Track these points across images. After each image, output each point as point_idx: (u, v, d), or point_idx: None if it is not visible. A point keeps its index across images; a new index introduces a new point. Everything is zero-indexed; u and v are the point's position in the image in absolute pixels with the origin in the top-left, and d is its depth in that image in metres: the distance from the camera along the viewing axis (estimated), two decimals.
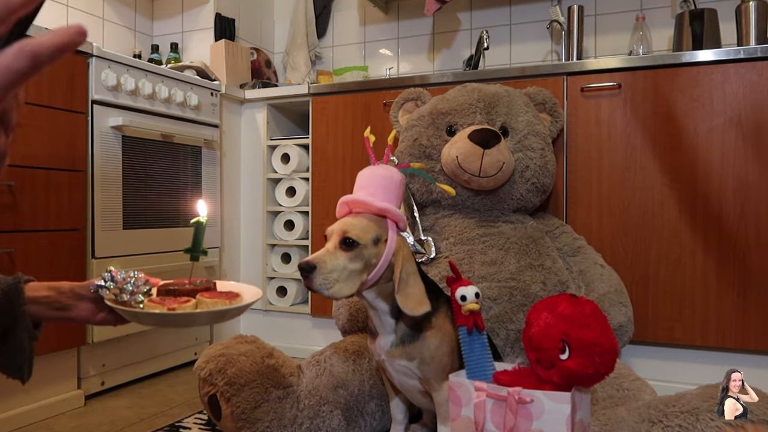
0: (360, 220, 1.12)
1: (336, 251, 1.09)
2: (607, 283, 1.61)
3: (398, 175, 1.18)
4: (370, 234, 1.10)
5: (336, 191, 2.19)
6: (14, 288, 0.95)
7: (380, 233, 1.12)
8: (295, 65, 2.85)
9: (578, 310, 0.99)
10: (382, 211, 1.13)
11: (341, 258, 1.08)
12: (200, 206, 1.08)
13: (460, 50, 2.71)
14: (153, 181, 1.93)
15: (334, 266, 1.07)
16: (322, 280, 1.06)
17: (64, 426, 1.54)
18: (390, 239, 1.12)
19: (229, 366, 1.27)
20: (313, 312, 2.22)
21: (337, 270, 1.07)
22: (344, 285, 1.07)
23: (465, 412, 1.06)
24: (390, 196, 1.15)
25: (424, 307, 1.10)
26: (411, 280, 1.12)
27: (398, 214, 1.14)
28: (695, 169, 1.72)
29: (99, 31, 2.51)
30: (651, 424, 1.10)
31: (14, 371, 0.95)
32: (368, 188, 1.15)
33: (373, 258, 1.11)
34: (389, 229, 1.14)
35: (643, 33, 2.31)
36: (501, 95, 1.68)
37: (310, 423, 1.29)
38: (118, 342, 1.85)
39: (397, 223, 1.15)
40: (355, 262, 1.08)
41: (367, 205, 1.13)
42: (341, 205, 1.18)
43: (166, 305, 0.98)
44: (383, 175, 1.16)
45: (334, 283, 1.06)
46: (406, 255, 1.13)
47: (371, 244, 1.10)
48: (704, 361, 1.73)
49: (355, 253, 1.08)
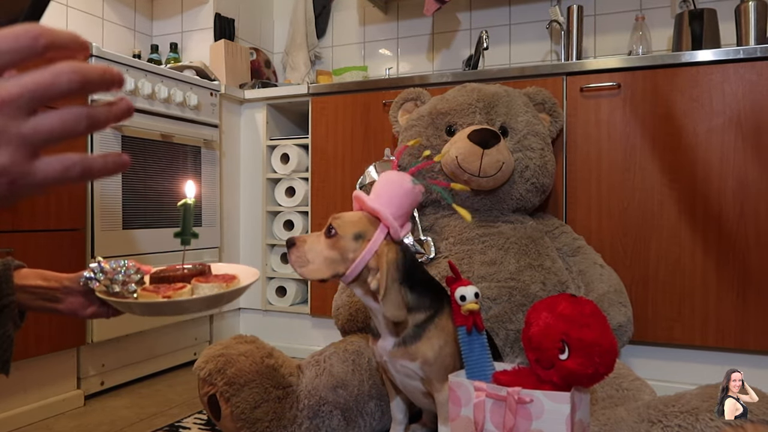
0: (352, 215, 1.16)
1: (320, 236, 1.15)
2: (607, 283, 1.61)
3: (408, 184, 1.16)
4: (353, 228, 1.13)
5: (335, 191, 2.19)
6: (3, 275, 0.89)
7: (366, 231, 1.13)
8: (295, 65, 2.85)
9: (578, 310, 0.99)
10: (373, 212, 1.14)
11: (321, 243, 1.13)
12: (188, 187, 1.04)
13: (460, 50, 2.71)
14: (152, 181, 1.93)
15: (312, 248, 1.13)
16: (296, 257, 1.13)
17: (63, 426, 1.54)
18: (373, 240, 1.12)
19: (228, 366, 1.27)
20: (312, 312, 2.22)
21: (313, 252, 1.13)
22: (315, 268, 1.13)
23: (464, 412, 1.06)
24: (392, 201, 1.14)
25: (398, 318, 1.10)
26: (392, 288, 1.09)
27: (388, 219, 1.12)
28: (695, 169, 1.72)
29: (98, 31, 2.51)
30: (650, 424, 1.10)
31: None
32: (377, 190, 1.18)
33: (351, 252, 1.12)
34: (378, 231, 1.13)
35: (642, 33, 2.31)
36: (500, 95, 1.68)
37: (310, 423, 1.29)
38: (118, 342, 1.84)
39: (389, 227, 1.14)
40: (332, 250, 1.12)
41: (363, 202, 1.17)
42: (354, 199, 1.22)
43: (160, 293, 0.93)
44: (393, 180, 1.16)
45: (306, 263, 1.13)
46: (390, 260, 1.11)
47: (351, 238, 1.12)
48: (704, 361, 1.73)
49: (333, 242, 1.12)
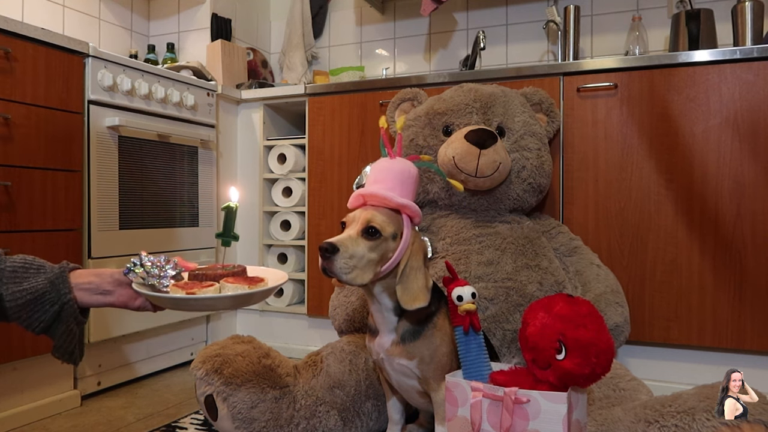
0: (382, 213, 1.12)
1: (358, 238, 1.09)
2: (604, 283, 1.61)
3: (414, 169, 1.17)
4: (390, 228, 1.11)
5: (332, 191, 2.19)
6: (60, 277, 1.01)
7: (398, 228, 1.13)
8: (292, 65, 2.85)
9: (574, 310, 0.99)
10: (401, 207, 1.13)
11: (362, 245, 1.08)
12: (232, 192, 1.12)
13: (457, 50, 2.71)
14: (149, 181, 1.93)
15: (355, 252, 1.07)
16: (343, 264, 1.06)
17: (60, 426, 1.54)
18: (405, 235, 1.13)
19: (225, 366, 1.26)
20: (309, 312, 2.22)
21: (357, 256, 1.07)
22: (361, 272, 1.08)
23: (461, 412, 1.06)
24: (407, 190, 1.15)
25: (419, 302, 1.11)
26: (413, 274, 1.12)
27: (416, 209, 1.14)
28: (691, 170, 1.72)
29: (95, 31, 2.51)
30: (647, 424, 1.11)
31: (66, 355, 1.03)
32: (385, 182, 1.14)
33: (390, 252, 1.12)
34: (405, 226, 1.14)
35: (639, 33, 2.31)
36: (497, 95, 1.68)
37: (307, 423, 1.29)
38: (115, 342, 1.84)
39: (413, 218, 1.15)
40: (374, 251, 1.09)
41: (387, 200, 1.13)
42: (356, 197, 1.17)
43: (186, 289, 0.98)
44: (400, 169, 1.15)
45: (352, 269, 1.07)
46: (415, 249, 1.14)
47: (391, 238, 1.12)
48: (700, 361, 1.74)
49: (376, 243, 1.09)
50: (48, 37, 1.60)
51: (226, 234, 1.09)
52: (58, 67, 1.63)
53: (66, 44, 1.65)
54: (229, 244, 1.09)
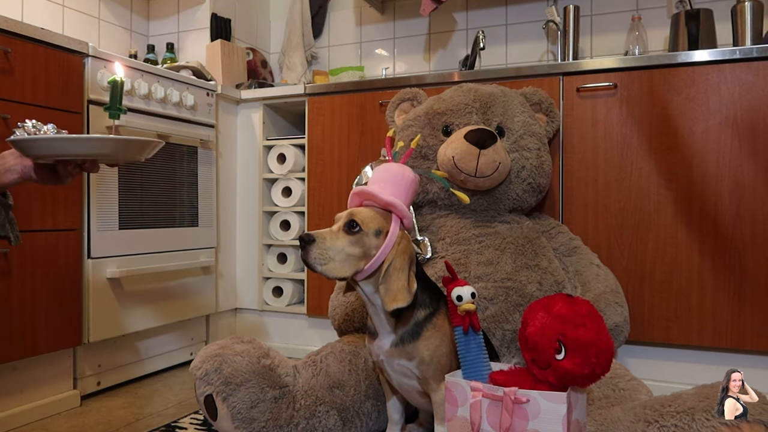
0: (368, 210, 1.16)
1: (339, 232, 1.13)
2: (603, 283, 1.61)
3: (410, 173, 1.21)
4: (374, 224, 1.13)
5: (332, 191, 2.19)
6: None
7: (383, 226, 1.15)
8: (291, 65, 2.85)
9: (574, 310, 0.99)
10: (388, 204, 1.16)
11: (342, 239, 1.11)
12: (117, 67, 1.21)
13: (456, 50, 2.71)
14: (149, 181, 1.93)
15: (333, 245, 1.11)
16: (318, 255, 1.09)
17: (59, 426, 1.54)
18: (391, 233, 1.14)
19: (225, 366, 1.26)
20: (309, 312, 2.22)
21: (335, 249, 1.10)
22: (338, 265, 1.10)
23: (461, 412, 1.06)
24: (398, 191, 1.18)
25: (398, 303, 1.10)
26: (395, 274, 1.12)
27: (403, 209, 1.16)
28: (691, 169, 1.72)
29: (95, 31, 2.51)
30: (647, 424, 1.11)
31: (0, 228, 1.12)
32: (379, 182, 1.19)
33: (373, 249, 1.13)
34: (393, 223, 1.16)
35: (639, 33, 2.31)
36: (497, 95, 1.68)
37: (306, 423, 1.29)
38: (114, 342, 1.84)
39: (402, 218, 1.17)
40: (354, 246, 1.11)
41: (375, 197, 1.16)
42: (353, 197, 1.22)
43: None
44: (395, 172, 1.19)
45: (329, 260, 1.10)
46: (400, 250, 1.14)
47: (373, 234, 1.13)
48: (700, 361, 1.74)
49: (357, 238, 1.12)
50: (48, 37, 1.60)
51: (112, 107, 1.15)
52: (58, 67, 1.63)
53: (66, 44, 1.65)
54: (118, 117, 1.16)
